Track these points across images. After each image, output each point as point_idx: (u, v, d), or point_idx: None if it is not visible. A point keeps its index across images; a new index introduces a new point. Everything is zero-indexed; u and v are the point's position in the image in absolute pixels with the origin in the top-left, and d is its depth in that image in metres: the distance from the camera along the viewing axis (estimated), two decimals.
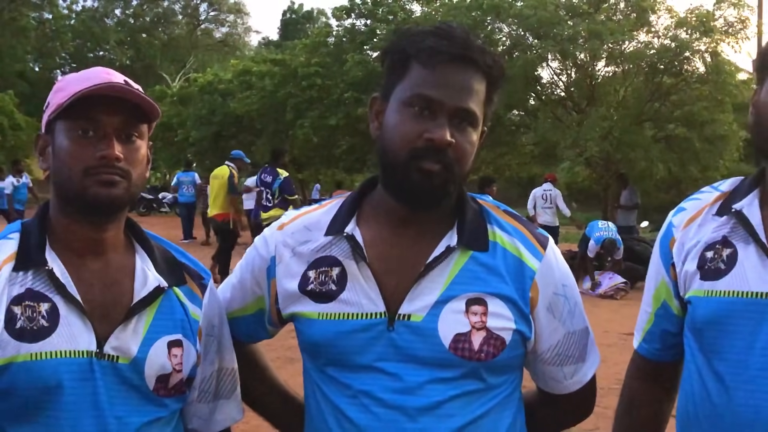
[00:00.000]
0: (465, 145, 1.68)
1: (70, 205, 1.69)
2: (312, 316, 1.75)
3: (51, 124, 1.69)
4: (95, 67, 1.75)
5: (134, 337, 1.68)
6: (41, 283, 1.65)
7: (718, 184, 1.94)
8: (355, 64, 28.05)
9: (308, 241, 1.80)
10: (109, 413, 1.64)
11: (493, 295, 1.71)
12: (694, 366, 1.81)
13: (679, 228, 1.88)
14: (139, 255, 1.77)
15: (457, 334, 1.68)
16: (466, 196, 1.80)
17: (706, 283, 1.77)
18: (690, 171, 21.25)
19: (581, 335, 1.84)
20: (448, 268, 1.71)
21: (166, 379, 1.71)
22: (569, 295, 1.81)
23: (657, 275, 1.94)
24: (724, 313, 1.73)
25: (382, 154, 1.72)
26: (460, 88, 1.67)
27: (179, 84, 41.21)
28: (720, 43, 20.19)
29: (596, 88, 21.89)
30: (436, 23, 1.80)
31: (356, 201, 1.82)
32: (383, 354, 1.68)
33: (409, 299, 1.69)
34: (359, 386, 1.70)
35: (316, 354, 1.77)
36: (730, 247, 1.78)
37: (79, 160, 1.64)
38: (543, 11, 20.48)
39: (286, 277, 1.80)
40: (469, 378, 1.69)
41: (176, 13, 60.98)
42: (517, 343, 1.73)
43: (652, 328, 1.97)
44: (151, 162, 1.81)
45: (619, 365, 3.58)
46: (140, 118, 1.70)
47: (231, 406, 1.91)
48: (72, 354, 1.62)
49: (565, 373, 1.84)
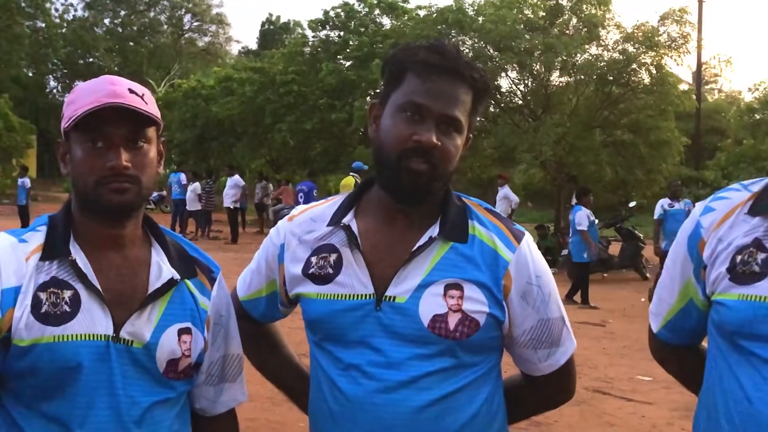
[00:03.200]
0: (449, 148, 1.76)
1: (88, 207, 1.72)
2: (312, 296, 1.83)
3: (67, 133, 1.71)
4: (103, 77, 1.75)
5: (148, 324, 1.70)
6: (65, 272, 1.68)
7: (748, 183, 1.80)
8: (329, 72, 28.06)
9: (312, 231, 1.88)
10: (122, 393, 1.67)
11: (469, 281, 1.77)
12: (724, 363, 1.70)
13: (710, 230, 1.76)
14: (155, 249, 1.79)
15: (435, 315, 1.74)
16: (451, 194, 1.86)
17: (740, 287, 1.66)
18: (635, 174, 21.43)
19: (555, 322, 1.87)
20: (430, 256, 1.78)
21: (175, 364, 1.74)
22: (542, 285, 1.84)
23: (683, 274, 1.83)
24: (760, 317, 1.61)
25: (378, 153, 1.80)
26: (448, 97, 1.74)
27: (164, 89, 40.81)
28: (664, 56, 20.39)
29: (551, 97, 21.96)
30: (427, 39, 1.87)
31: (356, 196, 1.90)
32: (371, 331, 1.76)
33: (395, 283, 1.77)
34: (349, 360, 1.77)
35: (316, 329, 1.85)
36: (765, 251, 1.65)
37: (92, 170, 1.66)
38: (502, 26, 20.53)
39: (293, 262, 1.88)
40: (445, 355, 1.75)
41: (162, 23, 60.36)
42: (491, 326, 1.79)
43: (675, 320, 1.90)
44: (164, 156, 1.83)
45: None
46: (146, 124, 1.71)
47: (236, 388, 1.93)
48: (91, 337, 1.65)
49: (539, 356, 1.88)
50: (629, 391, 7.12)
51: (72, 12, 55.82)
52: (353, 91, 28.43)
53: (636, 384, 7.39)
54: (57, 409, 1.64)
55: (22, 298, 1.64)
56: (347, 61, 29.64)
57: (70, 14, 55.35)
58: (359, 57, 28.33)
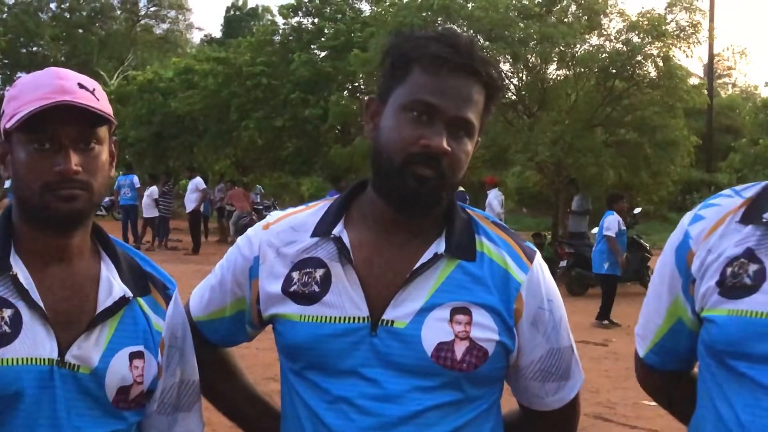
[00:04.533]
0: (460, 155, 1.72)
1: (32, 217, 1.71)
2: (293, 318, 1.77)
3: (8, 133, 1.70)
4: (48, 70, 1.74)
5: (96, 347, 1.70)
6: (5, 288, 1.66)
7: (740, 189, 1.80)
8: (302, 63, 28.01)
9: (293, 242, 1.82)
10: (66, 423, 1.66)
11: (479, 305, 1.73)
12: (715, 386, 1.70)
13: (699, 240, 1.75)
14: (105, 263, 1.79)
15: (440, 343, 1.70)
16: (455, 204, 1.82)
17: (730, 302, 1.65)
18: (641, 176, 21.49)
19: (565, 352, 1.86)
20: (434, 275, 1.74)
21: (126, 391, 1.73)
22: (554, 310, 1.82)
23: (671, 291, 1.83)
24: (751, 335, 1.60)
25: (377, 157, 1.75)
26: (461, 97, 1.70)
27: (117, 82, 40.55)
28: (672, 47, 20.50)
29: (547, 92, 22.05)
30: (438, 29, 1.81)
31: (345, 203, 1.85)
32: (364, 360, 1.70)
33: (394, 305, 1.72)
34: (338, 392, 1.71)
35: (296, 357, 1.78)
36: (757, 262, 1.64)
37: (38, 175, 1.65)
38: (494, 13, 20.59)
39: (269, 278, 1.82)
40: (449, 388, 1.71)
41: (114, 8, 60.01)
42: (500, 356, 1.76)
43: (663, 342, 1.89)
44: (116, 158, 1.81)
45: None
46: (97, 123, 1.70)
47: (191, 418, 1.92)
48: (33, 361, 1.63)
49: (547, 389, 1.86)
50: (633, 418, 7.15)
51: None
52: (329, 84, 28.40)
53: (640, 410, 7.41)
54: None
55: None
56: (322, 51, 29.62)
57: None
58: (335, 47, 28.32)
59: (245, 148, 30.68)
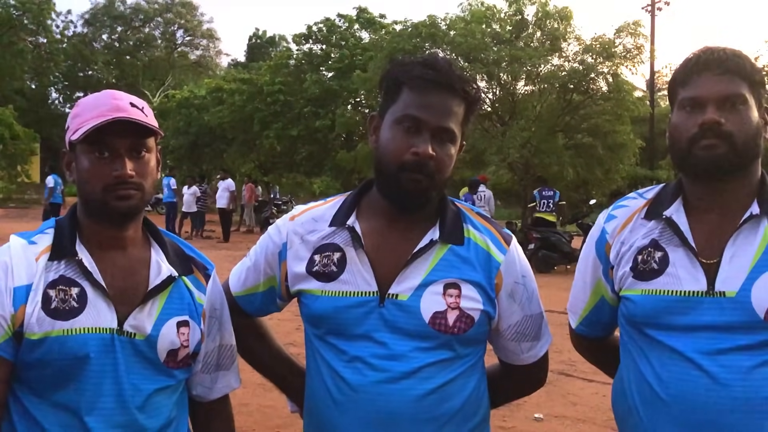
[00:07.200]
0: (444, 158, 1.75)
1: (94, 212, 1.72)
2: (316, 292, 1.80)
3: (72, 144, 1.71)
4: (105, 92, 1.75)
5: (149, 318, 1.71)
6: (72, 270, 1.68)
7: (643, 192, 1.91)
8: (313, 83, 28.03)
9: (315, 230, 1.86)
10: (126, 381, 1.67)
11: (466, 281, 1.78)
12: (635, 348, 1.79)
13: (613, 234, 1.86)
14: (154, 249, 1.80)
15: (436, 312, 1.74)
16: (447, 199, 1.86)
17: (642, 283, 1.76)
18: (595, 174, 21.61)
19: (536, 318, 1.91)
20: (430, 257, 1.78)
21: (175, 353, 1.74)
22: (527, 284, 1.87)
23: (594, 275, 1.92)
24: (662, 310, 1.71)
25: (378, 164, 1.79)
26: (442, 110, 1.74)
27: (159, 99, 40.52)
28: (620, 66, 20.54)
29: (517, 104, 22.07)
30: (424, 54, 1.86)
31: (356, 199, 1.88)
32: (374, 326, 1.75)
33: (398, 282, 1.76)
34: (354, 352, 1.75)
35: (318, 324, 1.82)
36: (660, 250, 1.75)
37: (99, 178, 1.67)
38: (472, 39, 20.60)
39: (295, 260, 1.85)
40: (443, 348, 1.76)
41: (156, 38, 59.89)
42: (483, 322, 1.80)
43: (590, 316, 1.99)
44: (161, 163, 1.83)
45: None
46: (146, 134, 1.72)
47: (230, 375, 1.93)
48: (97, 330, 1.65)
49: (522, 348, 1.91)
50: (591, 373, 7.15)
51: (72, 28, 55.18)
52: (335, 99, 28.39)
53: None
54: (67, 397, 1.65)
55: (33, 295, 1.64)
56: (329, 72, 29.58)
57: (70, 30, 54.79)
58: (340, 68, 28.29)
59: (266, 153, 30.70)
